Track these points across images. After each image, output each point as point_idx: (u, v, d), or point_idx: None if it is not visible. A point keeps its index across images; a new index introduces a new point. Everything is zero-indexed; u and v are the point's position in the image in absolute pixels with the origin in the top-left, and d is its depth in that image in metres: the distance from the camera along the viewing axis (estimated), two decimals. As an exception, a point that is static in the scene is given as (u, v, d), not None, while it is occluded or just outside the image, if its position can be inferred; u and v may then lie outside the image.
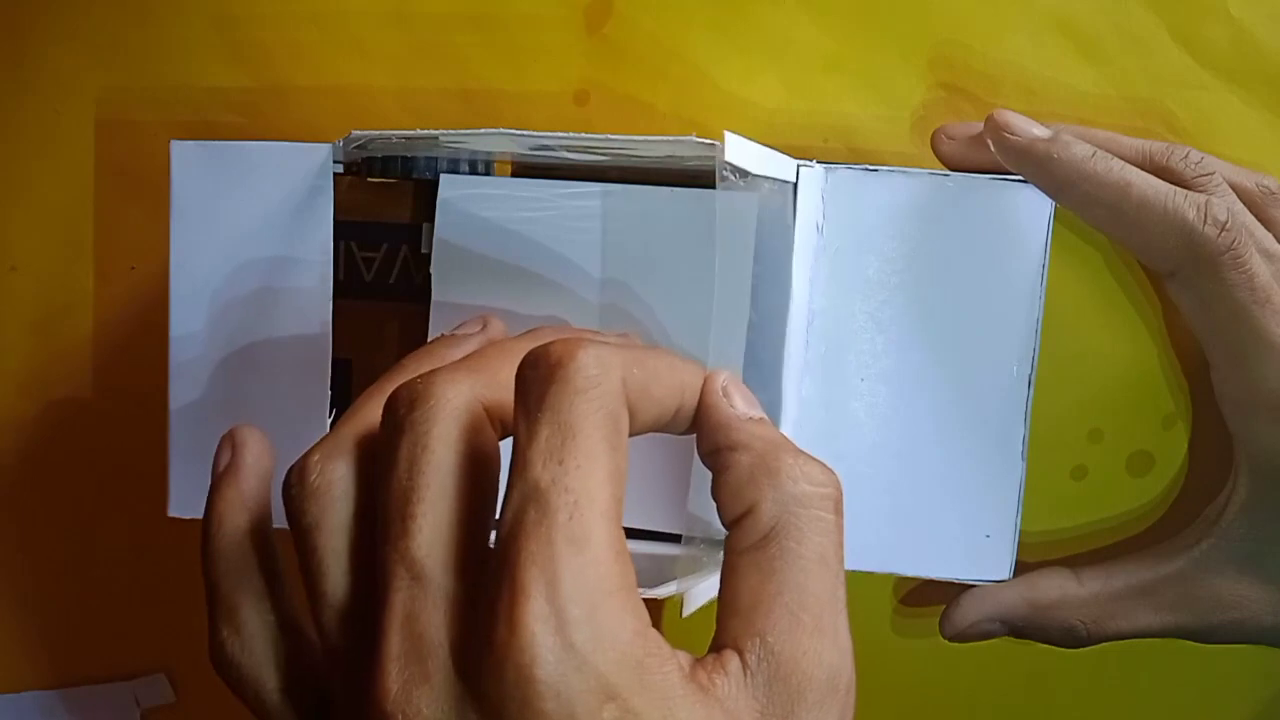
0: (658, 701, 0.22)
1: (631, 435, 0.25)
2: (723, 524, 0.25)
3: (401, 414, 0.24)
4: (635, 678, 0.22)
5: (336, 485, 0.25)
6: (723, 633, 0.24)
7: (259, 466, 0.29)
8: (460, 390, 0.24)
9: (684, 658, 0.23)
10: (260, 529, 0.28)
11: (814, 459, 0.25)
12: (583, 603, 0.21)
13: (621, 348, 0.24)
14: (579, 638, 0.21)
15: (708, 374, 0.26)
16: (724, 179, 0.28)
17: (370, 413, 0.26)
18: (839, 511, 0.25)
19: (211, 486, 0.29)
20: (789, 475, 0.24)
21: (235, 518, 0.28)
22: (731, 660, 0.23)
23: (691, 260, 0.33)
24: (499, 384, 0.25)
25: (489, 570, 0.22)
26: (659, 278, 0.33)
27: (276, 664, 0.27)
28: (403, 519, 0.23)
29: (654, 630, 0.22)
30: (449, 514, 0.23)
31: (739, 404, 0.26)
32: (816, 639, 0.23)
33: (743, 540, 0.24)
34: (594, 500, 0.22)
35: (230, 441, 0.29)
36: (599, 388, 0.23)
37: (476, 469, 0.24)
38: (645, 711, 0.21)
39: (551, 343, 0.23)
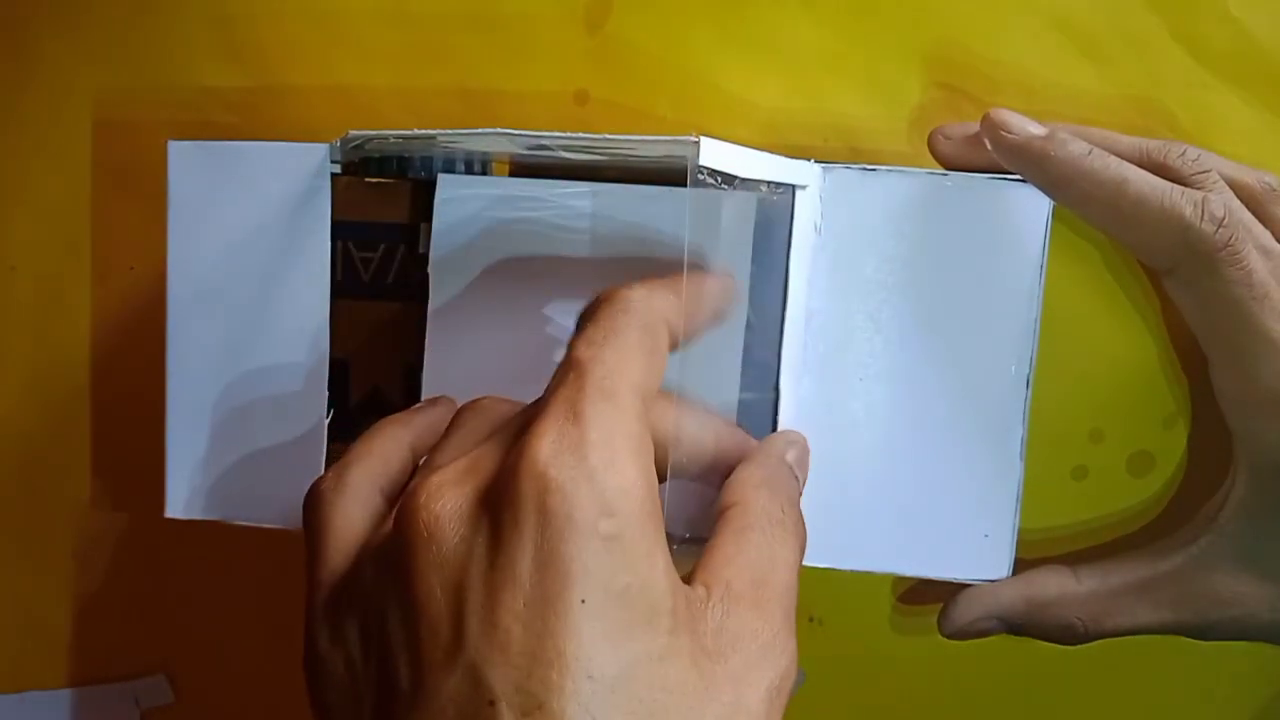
0: (646, 544, 0.24)
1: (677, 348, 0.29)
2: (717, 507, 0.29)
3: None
4: (636, 512, 0.24)
5: (496, 412, 0.30)
6: (693, 577, 0.27)
7: (440, 422, 0.32)
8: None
9: None
10: (405, 447, 0.32)
11: (804, 523, 0.30)
12: (603, 433, 0.24)
13: (662, 285, 0.28)
14: (594, 458, 0.24)
15: (791, 430, 0.33)
16: (699, 182, 0.28)
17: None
18: (801, 557, 0.29)
19: (405, 411, 0.33)
20: (784, 506, 0.29)
21: (396, 428, 0.32)
22: (699, 589, 0.26)
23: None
24: None
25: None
26: (650, 276, 0.33)
27: (350, 509, 0.29)
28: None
29: (660, 499, 0.25)
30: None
31: (791, 456, 0.31)
32: (767, 610, 0.26)
33: (726, 525, 0.28)
34: (626, 374, 0.26)
35: (433, 399, 0.34)
36: (640, 306, 0.27)
37: None
38: (635, 543, 0.24)
39: (609, 288, 0.28)
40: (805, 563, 0.34)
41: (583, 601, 0.23)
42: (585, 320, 0.27)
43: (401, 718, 0.24)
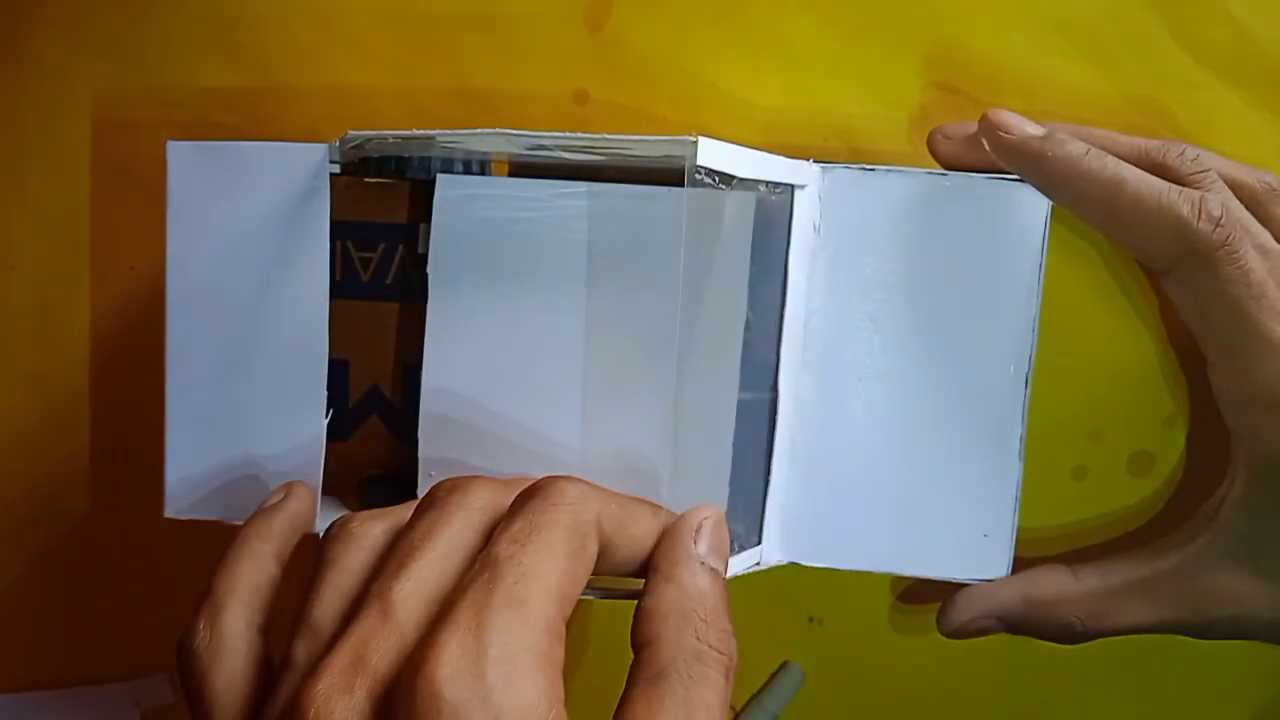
0: None
1: (609, 571, 0.28)
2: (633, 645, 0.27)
3: (440, 496, 0.28)
4: None
5: (368, 537, 0.28)
6: None
7: (298, 517, 0.32)
8: (484, 493, 0.28)
9: None
10: (271, 563, 0.31)
11: (727, 625, 0.27)
12: (505, 648, 0.23)
13: (605, 490, 0.27)
14: (492, 675, 0.23)
15: (699, 506, 0.29)
16: (696, 182, 0.28)
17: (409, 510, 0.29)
18: (729, 679, 0.26)
19: (254, 513, 0.32)
20: (698, 630, 0.26)
21: (258, 544, 0.31)
22: None
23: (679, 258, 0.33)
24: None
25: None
26: (648, 276, 0.33)
27: (230, 665, 0.29)
28: (398, 567, 0.26)
29: (564, 710, 0.23)
30: (436, 578, 0.26)
31: (703, 546, 0.28)
32: None
33: (640, 670, 0.26)
34: (542, 578, 0.24)
35: (287, 487, 0.33)
36: (573, 505, 0.26)
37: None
38: None
39: (545, 477, 0.27)
40: (805, 563, 0.35)
41: None
42: (515, 510, 0.26)
43: None
